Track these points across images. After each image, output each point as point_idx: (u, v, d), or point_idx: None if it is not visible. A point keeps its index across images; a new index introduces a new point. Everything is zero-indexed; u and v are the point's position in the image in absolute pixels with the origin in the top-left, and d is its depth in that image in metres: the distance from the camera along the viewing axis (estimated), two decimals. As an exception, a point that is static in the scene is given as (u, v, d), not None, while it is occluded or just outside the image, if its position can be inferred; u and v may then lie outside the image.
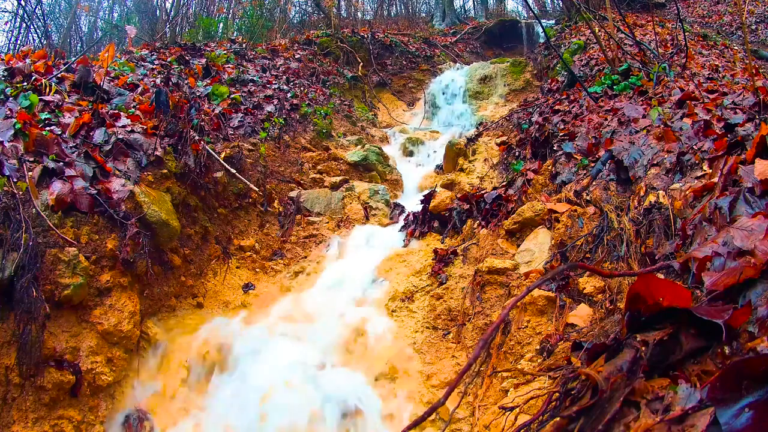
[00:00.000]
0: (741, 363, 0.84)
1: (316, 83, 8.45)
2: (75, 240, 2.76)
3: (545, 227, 3.16)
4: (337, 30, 10.62)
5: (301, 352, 3.18)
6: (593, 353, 1.20)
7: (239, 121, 5.28)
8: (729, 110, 2.92)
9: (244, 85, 6.45)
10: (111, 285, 2.85)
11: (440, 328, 3.18)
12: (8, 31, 9.95)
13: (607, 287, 2.39)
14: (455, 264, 3.54)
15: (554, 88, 6.74)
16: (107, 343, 2.77)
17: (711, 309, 1.09)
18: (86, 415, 2.58)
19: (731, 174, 1.83)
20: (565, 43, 8.00)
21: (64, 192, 2.80)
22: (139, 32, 10.14)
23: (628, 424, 0.95)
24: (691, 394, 0.92)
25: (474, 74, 9.76)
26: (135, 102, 4.11)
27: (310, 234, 4.62)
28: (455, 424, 2.53)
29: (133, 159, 3.40)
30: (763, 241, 1.27)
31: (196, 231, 3.87)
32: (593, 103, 4.62)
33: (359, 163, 5.91)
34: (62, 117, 3.33)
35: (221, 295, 3.76)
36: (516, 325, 2.65)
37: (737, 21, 10.78)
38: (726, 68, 6.15)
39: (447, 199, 4.27)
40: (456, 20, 14.95)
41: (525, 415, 1.79)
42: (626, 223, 2.49)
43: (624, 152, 3.07)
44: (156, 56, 6.48)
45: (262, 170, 4.94)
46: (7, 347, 2.37)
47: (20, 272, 2.41)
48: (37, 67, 3.95)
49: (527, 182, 3.95)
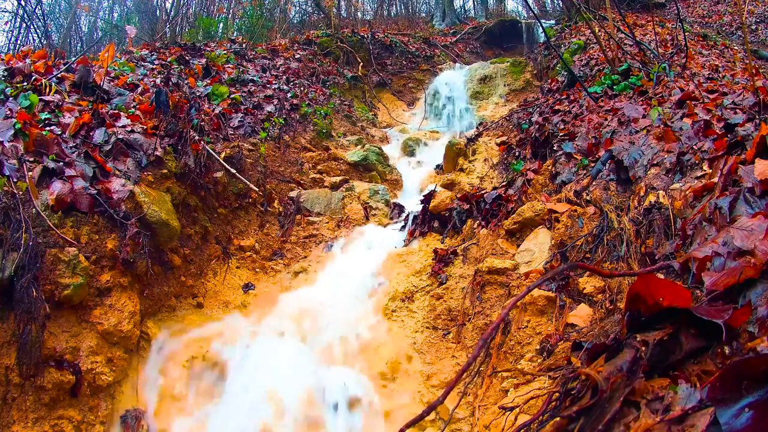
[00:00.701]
0: (741, 363, 0.84)
1: (316, 83, 8.45)
2: (75, 240, 2.76)
3: (545, 227, 3.16)
4: (337, 30, 10.62)
5: (302, 352, 3.18)
6: (593, 353, 1.20)
7: (239, 121, 5.28)
8: (729, 110, 2.92)
9: (244, 85, 6.45)
10: (111, 285, 2.85)
11: (440, 328, 3.19)
12: (8, 31, 9.95)
13: (607, 287, 2.39)
14: (455, 264, 3.54)
15: (554, 88, 6.74)
16: (107, 343, 2.77)
17: (711, 309, 1.09)
18: (86, 415, 2.58)
19: (731, 174, 1.83)
20: (565, 43, 8.00)
21: (64, 192, 2.80)
22: (139, 32, 10.14)
23: (628, 424, 0.95)
24: (691, 394, 0.92)
25: (474, 74, 9.76)
26: (135, 102, 4.11)
27: (310, 234, 4.63)
28: (455, 424, 2.53)
29: (133, 159, 3.40)
30: (763, 241, 1.27)
31: (196, 231, 3.87)
32: (593, 103, 4.62)
33: (359, 163, 5.92)
34: (62, 117, 3.33)
35: (221, 295, 3.76)
36: (516, 325, 2.65)
37: (737, 21, 10.78)
38: (726, 68, 6.15)
39: (447, 199, 4.27)
40: (456, 20, 14.95)
41: (525, 415, 1.79)
42: (626, 223, 2.49)
43: (624, 152, 3.07)
44: (156, 56, 6.48)
45: (262, 170, 4.94)
46: (7, 347, 2.37)
47: (20, 272, 2.41)
48: (37, 67, 3.95)
49: (527, 182, 3.95)
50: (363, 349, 3.21)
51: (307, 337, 3.32)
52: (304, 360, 3.10)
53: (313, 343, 3.28)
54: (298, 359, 3.10)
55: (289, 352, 3.14)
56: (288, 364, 3.05)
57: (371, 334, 3.29)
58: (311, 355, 3.16)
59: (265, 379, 2.96)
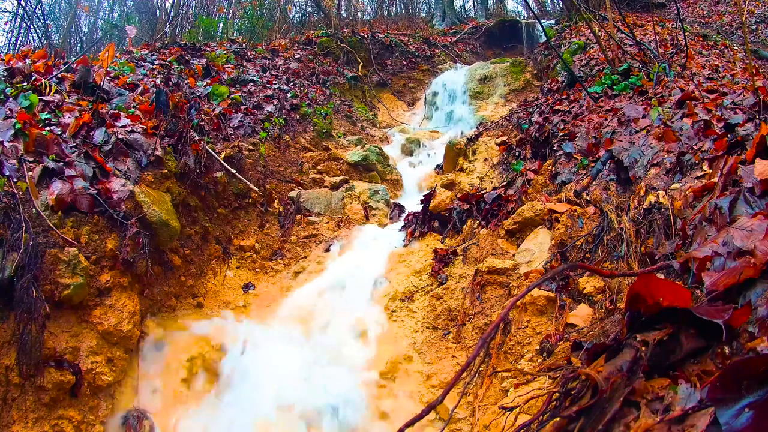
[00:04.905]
0: (741, 363, 0.84)
1: (316, 83, 8.45)
2: (75, 240, 2.76)
3: (545, 227, 3.16)
4: (337, 30, 10.62)
5: (301, 352, 3.18)
6: (593, 353, 1.20)
7: (239, 121, 5.28)
8: (729, 110, 2.92)
9: (244, 85, 6.45)
10: (111, 285, 2.85)
11: (440, 328, 3.18)
12: (8, 31, 9.95)
13: (607, 287, 2.39)
14: (455, 264, 3.54)
15: (554, 88, 6.74)
16: (107, 343, 2.77)
17: (711, 309, 1.09)
18: (86, 415, 2.58)
19: (731, 174, 1.83)
20: (565, 43, 7.99)
21: (64, 192, 2.80)
22: (139, 32, 10.13)
23: (628, 424, 0.95)
24: (691, 394, 0.92)
25: (474, 74, 9.76)
26: (135, 102, 4.11)
27: (310, 234, 4.62)
28: (455, 424, 2.53)
29: (133, 159, 3.40)
30: (763, 241, 1.27)
31: (196, 231, 3.87)
32: (593, 103, 4.62)
33: (359, 163, 5.91)
34: (62, 117, 3.33)
35: (221, 295, 3.76)
36: (516, 325, 2.65)
37: (737, 21, 10.78)
38: (726, 68, 6.15)
39: (447, 199, 4.27)
40: (456, 20, 14.94)
41: (525, 415, 1.79)
42: (626, 223, 2.49)
43: (624, 152, 3.07)
44: (156, 56, 6.48)
45: (262, 170, 4.94)
46: (7, 347, 2.37)
47: (20, 272, 2.41)
48: (37, 67, 3.95)
49: (527, 182, 3.95)
50: (363, 348, 3.20)
51: (306, 337, 3.32)
52: (303, 359, 3.11)
53: (312, 342, 3.28)
54: (298, 359, 3.10)
55: (289, 352, 3.14)
56: (288, 363, 3.05)
57: (371, 334, 3.29)
58: (311, 355, 3.16)
59: (265, 378, 2.97)
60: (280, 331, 3.34)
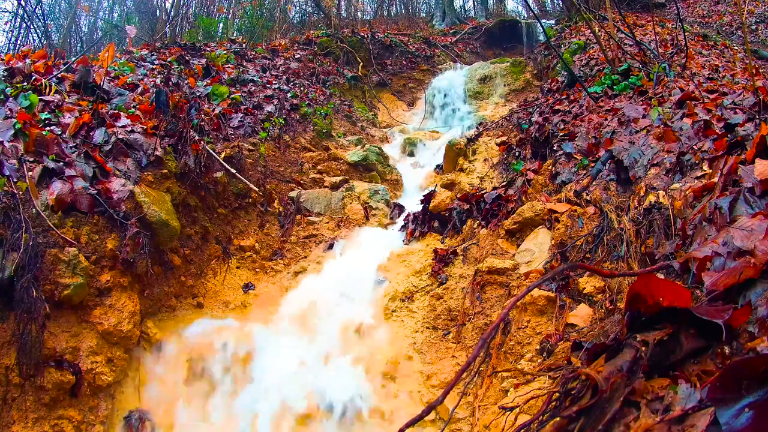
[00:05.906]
0: (741, 363, 0.84)
1: (316, 83, 8.45)
2: (75, 240, 2.76)
3: (545, 227, 3.16)
4: (337, 30, 10.62)
5: (301, 352, 3.18)
6: (593, 353, 1.20)
7: (239, 121, 5.28)
8: (729, 110, 2.92)
9: (244, 85, 6.45)
10: (111, 285, 2.85)
11: (440, 328, 3.18)
12: (8, 31, 9.94)
13: (607, 287, 2.39)
14: (455, 264, 3.54)
15: (554, 88, 6.74)
16: (107, 343, 2.77)
17: (711, 309, 1.09)
18: (86, 415, 2.58)
19: (731, 174, 1.83)
20: (565, 43, 7.99)
21: (64, 192, 2.80)
22: (139, 32, 10.13)
23: (628, 424, 0.95)
24: (691, 394, 0.92)
25: (474, 74, 9.76)
26: (135, 102, 4.11)
27: (310, 234, 4.62)
28: (455, 424, 2.53)
29: (133, 159, 3.40)
30: (763, 241, 1.27)
31: (196, 231, 3.87)
32: (593, 103, 4.62)
33: (359, 163, 5.91)
34: (62, 117, 3.33)
35: (221, 295, 3.76)
36: (516, 325, 2.65)
37: (737, 21, 10.78)
38: (726, 68, 6.15)
39: (447, 199, 4.27)
40: (456, 20, 14.94)
41: (525, 415, 1.79)
42: (626, 223, 2.49)
43: (624, 152, 3.07)
44: (156, 56, 6.47)
45: (262, 170, 4.94)
46: (7, 347, 2.38)
47: (20, 272, 2.41)
48: (37, 67, 3.95)
49: (527, 182, 3.95)
50: (363, 349, 3.20)
51: (306, 337, 3.32)
52: (304, 360, 3.11)
53: (312, 342, 3.28)
54: (298, 359, 3.10)
55: (289, 352, 3.14)
56: (288, 363, 3.05)
57: (371, 334, 3.29)
58: (311, 355, 3.16)
59: (266, 378, 2.97)
60: (281, 331, 3.34)
